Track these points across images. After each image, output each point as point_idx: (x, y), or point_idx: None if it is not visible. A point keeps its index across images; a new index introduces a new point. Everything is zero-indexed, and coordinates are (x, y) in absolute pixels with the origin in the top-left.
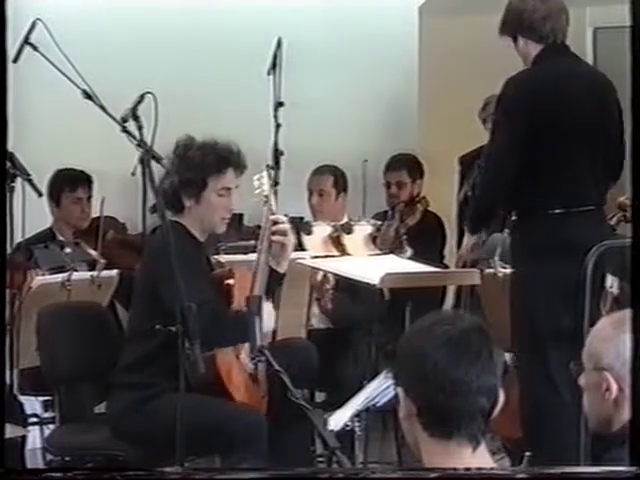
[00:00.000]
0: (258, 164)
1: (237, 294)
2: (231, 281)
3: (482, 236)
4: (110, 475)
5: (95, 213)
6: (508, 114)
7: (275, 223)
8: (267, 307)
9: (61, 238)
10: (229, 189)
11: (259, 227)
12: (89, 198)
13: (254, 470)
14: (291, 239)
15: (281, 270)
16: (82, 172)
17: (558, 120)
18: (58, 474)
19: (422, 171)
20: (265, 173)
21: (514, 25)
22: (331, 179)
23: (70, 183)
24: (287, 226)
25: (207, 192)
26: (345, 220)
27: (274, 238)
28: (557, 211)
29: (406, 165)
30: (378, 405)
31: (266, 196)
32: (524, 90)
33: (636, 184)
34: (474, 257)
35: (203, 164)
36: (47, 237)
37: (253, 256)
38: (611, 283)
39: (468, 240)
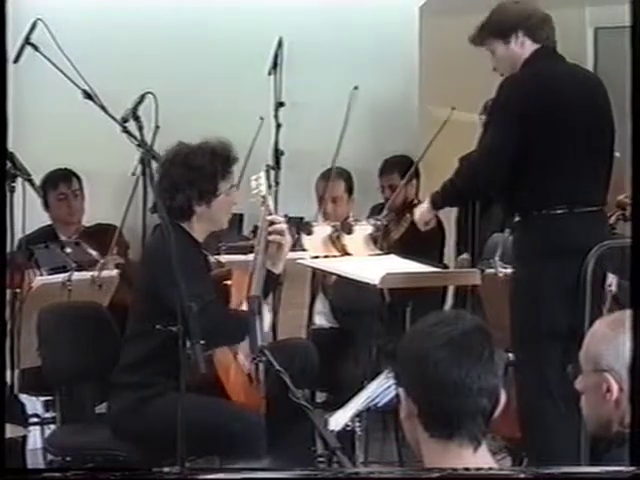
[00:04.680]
0: (258, 164)
1: (234, 294)
2: (229, 281)
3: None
4: (110, 475)
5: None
6: (506, 113)
7: (272, 223)
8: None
9: (63, 238)
10: (233, 186)
11: (257, 227)
12: (75, 192)
13: (254, 470)
14: (288, 239)
15: (276, 271)
16: (65, 169)
17: (557, 120)
18: (58, 474)
19: (417, 172)
20: (262, 174)
21: (513, 24)
22: (343, 184)
23: (52, 181)
24: (284, 226)
25: (218, 196)
26: (350, 219)
27: (271, 238)
28: (559, 211)
29: (397, 168)
30: (379, 405)
31: (263, 197)
32: (523, 90)
33: (636, 183)
34: (426, 228)
35: (214, 171)
36: (48, 234)
37: (252, 256)
38: (610, 281)
39: (426, 212)
